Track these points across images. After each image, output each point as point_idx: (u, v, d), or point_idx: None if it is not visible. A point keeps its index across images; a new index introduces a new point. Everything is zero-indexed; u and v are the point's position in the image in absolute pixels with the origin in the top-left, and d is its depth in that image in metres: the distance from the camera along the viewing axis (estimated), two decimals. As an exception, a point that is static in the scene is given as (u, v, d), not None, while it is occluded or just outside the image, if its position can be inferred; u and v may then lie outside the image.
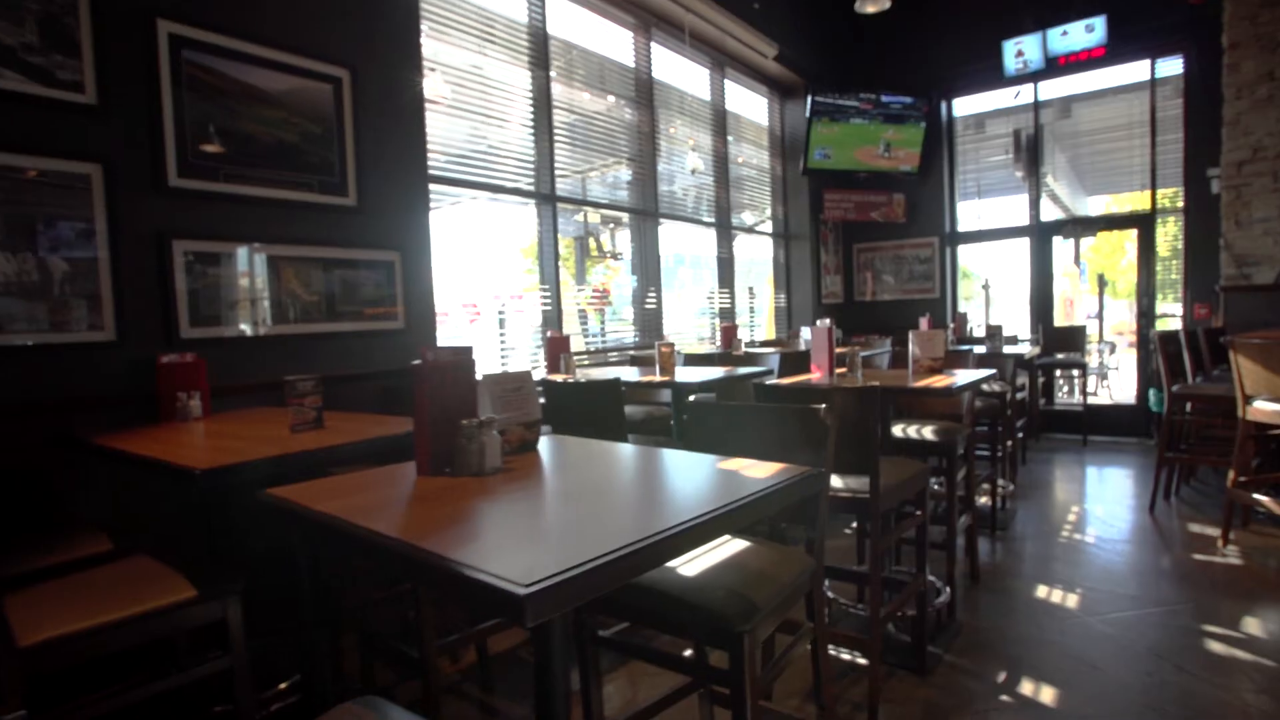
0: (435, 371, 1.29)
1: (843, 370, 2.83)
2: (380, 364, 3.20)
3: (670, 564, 1.43)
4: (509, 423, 1.46)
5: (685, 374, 3.34)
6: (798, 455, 1.62)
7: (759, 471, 1.29)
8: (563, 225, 7.09)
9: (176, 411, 2.36)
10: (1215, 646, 2.53)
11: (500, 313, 5.95)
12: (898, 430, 2.91)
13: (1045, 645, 2.58)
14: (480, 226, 5.14)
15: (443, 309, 5.33)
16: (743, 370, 3.32)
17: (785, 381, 2.62)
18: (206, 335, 2.65)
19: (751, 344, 5.85)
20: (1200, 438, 4.70)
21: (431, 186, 3.63)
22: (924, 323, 4.54)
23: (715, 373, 3.35)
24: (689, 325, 6.21)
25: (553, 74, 4.43)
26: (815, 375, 2.86)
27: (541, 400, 3.07)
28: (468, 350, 1.38)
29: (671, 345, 3.31)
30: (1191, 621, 2.73)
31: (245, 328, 2.76)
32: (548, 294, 4.46)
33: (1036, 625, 2.74)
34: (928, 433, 2.85)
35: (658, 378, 3.16)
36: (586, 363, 4.99)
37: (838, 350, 3.46)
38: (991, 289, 12.31)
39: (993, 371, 2.75)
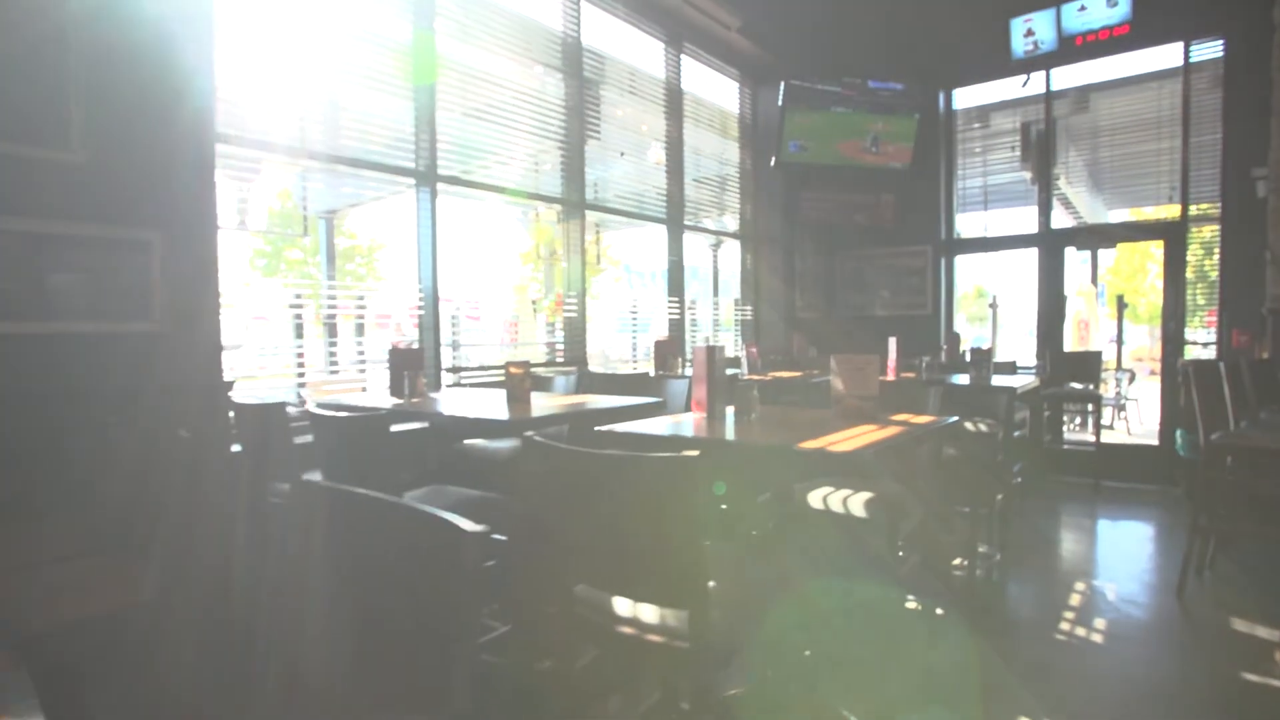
0: None
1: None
2: (122, 379, 2.34)
3: None
4: None
5: (550, 403, 2.46)
6: (431, 600, 0.74)
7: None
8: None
9: None
10: None
11: (453, 317, 5.22)
12: (815, 499, 2.00)
13: None
14: (453, 225, 4.59)
15: (385, 311, 4.62)
16: (617, 402, 2.43)
17: (621, 430, 1.73)
18: None
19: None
20: (1241, 494, 3.75)
21: (237, 152, 2.80)
22: (892, 346, 3.63)
23: (603, 402, 2.47)
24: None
25: (439, 26, 3.59)
26: (696, 416, 1.97)
27: (309, 439, 2.20)
28: None
29: (525, 365, 2.43)
30: (1248, 810, 1.80)
31: None
32: (423, 298, 3.60)
33: (1010, 804, 1.82)
34: (858, 505, 1.94)
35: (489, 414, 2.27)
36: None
37: (770, 375, 2.58)
38: (1000, 308, 11.36)
39: (950, 421, 1.85)
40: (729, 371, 4.48)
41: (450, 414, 2.22)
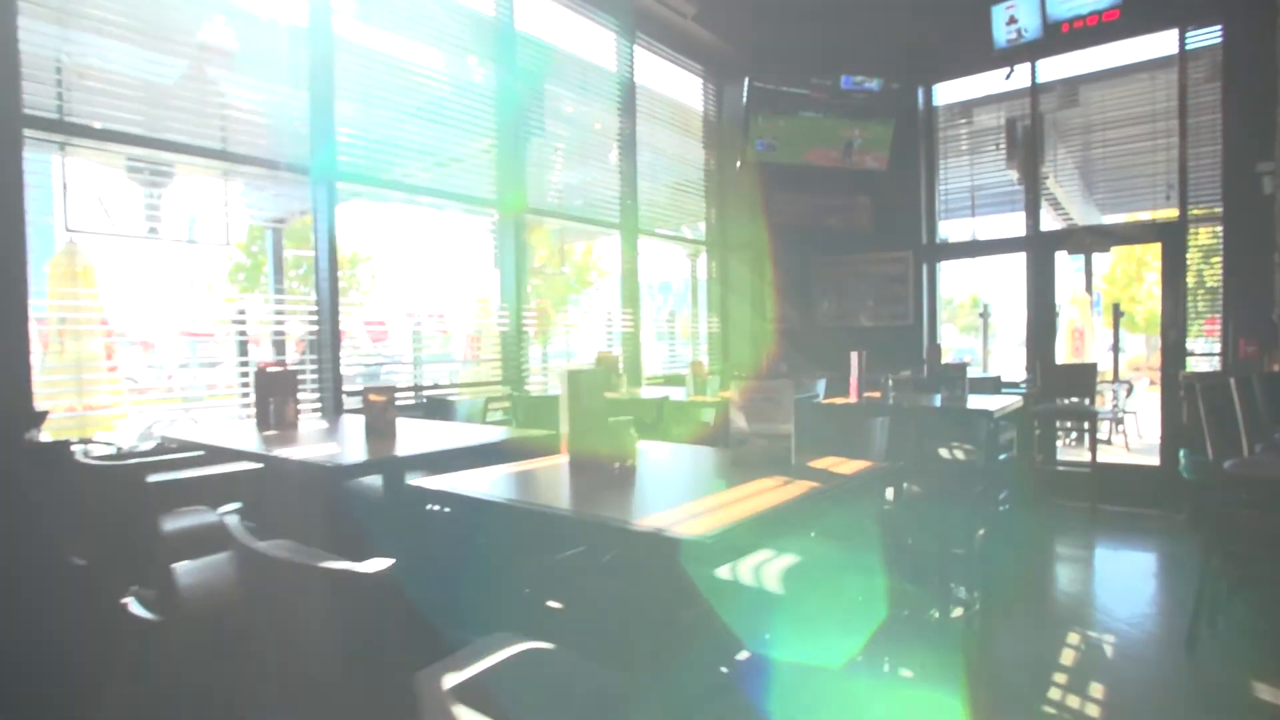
0: None
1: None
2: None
3: None
4: None
5: (420, 437, 2.02)
6: None
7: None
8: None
9: None
10: None
11: (415, 333, 4.87)
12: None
13: None
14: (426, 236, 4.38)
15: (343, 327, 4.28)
16: (496, 436, 1.98)
17: (437, 487, 1.29)
18: None
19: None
20: (1258, 531, 3.29)
21: (60, 139, 2.37)
22: (854, 361, 3.19)
23: (480, 436, 2.04)
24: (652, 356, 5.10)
25: (337, 4, 3.17)
26: (562, 459, 1.53)
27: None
28: None
29: (388, 391, 1.98)
30: None
31: None
32: (317, 312, 3.16)
33: None
34: (773, 575, 1.50)
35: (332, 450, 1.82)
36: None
37: (719, 396, 2.13)
38: (991, 318, 10.92)
39: (895, 467, 1.41)
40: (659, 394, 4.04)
41: (273, 454, 1.77)
